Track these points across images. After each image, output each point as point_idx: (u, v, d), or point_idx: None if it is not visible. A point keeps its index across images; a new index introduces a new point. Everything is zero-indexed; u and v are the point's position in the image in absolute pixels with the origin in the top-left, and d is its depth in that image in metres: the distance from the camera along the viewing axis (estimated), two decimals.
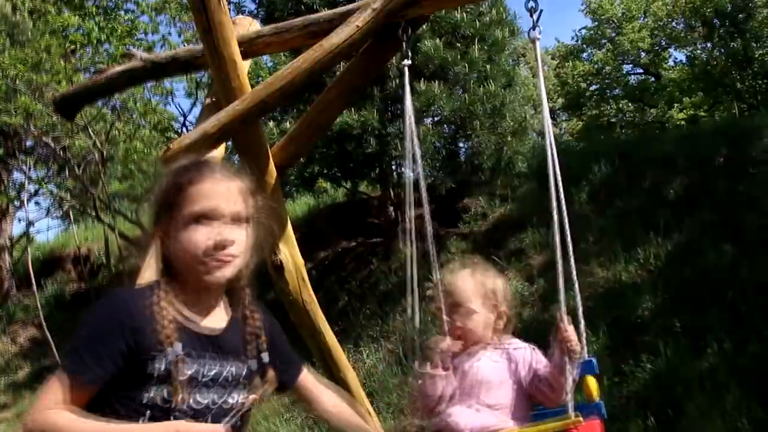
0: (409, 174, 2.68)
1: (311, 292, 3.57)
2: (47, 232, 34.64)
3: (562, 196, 2.42)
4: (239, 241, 1.65)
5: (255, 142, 3.36)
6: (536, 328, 5.53)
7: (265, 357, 1.78)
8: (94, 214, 9.49)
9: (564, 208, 2.44)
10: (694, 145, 8.32)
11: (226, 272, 1.64)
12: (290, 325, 3.18)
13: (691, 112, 17.95)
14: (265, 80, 3.17)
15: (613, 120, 19.49)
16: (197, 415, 1.59)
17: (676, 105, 18.44)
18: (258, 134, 3.37)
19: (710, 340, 5.53)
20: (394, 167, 8.17)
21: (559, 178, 2.43)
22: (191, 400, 1.58)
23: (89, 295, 10.26)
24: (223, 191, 1.66)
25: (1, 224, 11.77)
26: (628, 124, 19.32)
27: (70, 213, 11.47)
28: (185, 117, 10.55)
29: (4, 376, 9.25)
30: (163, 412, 1.55)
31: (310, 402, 2.02)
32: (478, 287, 2.37)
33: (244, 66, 3.30)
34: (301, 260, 3.51)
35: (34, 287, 8.90)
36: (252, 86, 3.25)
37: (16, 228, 11.74)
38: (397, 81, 6.79)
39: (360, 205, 9.28)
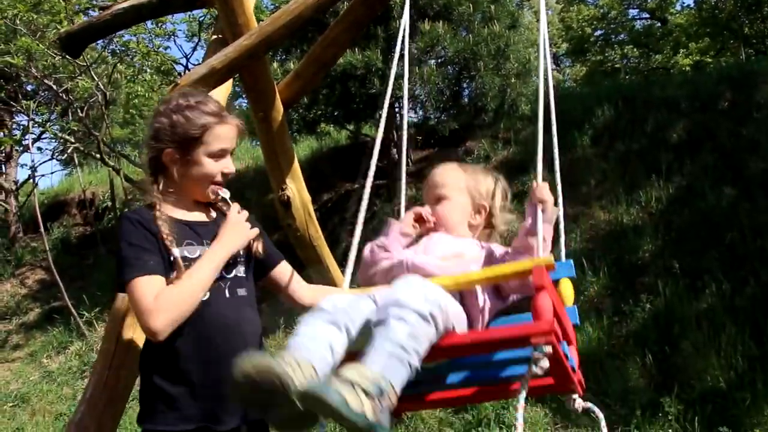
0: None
1: (317, 227, 3.64)
2: (51, 175, 34.66)
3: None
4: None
5: (262, 79, 3.37)
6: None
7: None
8: (98, 157, 9.49)
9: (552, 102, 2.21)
10: (698, 88, 8.29)
11: (223, 191, 2.13)
12: (298, 263, 3.24)
13: (697, 57, 17.70)
14: (272, 15, 3.17)
15: (617, 66, 19.25)
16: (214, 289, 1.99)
17: (681, 50, 18.18)
18: (264, 70, 3.38)
19: (708, 281, 5.63)
20: (397, 108, 8.14)
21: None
22: None
23: (95, 239, 10.36)
24: (234, 134, 2.14)
25: (6, 168, 11.80)
26: (632, 70, 19.09)
27: (75, 156, 11.47)
28: (188, 59, 10.43)
29: (15, 317, 9.41)
30: None
31: (285, 290, 2.25)
32: (457, 177, 2.17)
33: (250, 1, 3.29)
34: (307, 196, 3.57)
35: (42, 230, 8.97)
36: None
37: (20, 173, 11.78)
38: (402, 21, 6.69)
39: (363, 148, 9.29)
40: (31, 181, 10.84)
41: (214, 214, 2.17)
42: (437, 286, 1.63)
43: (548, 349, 1.53)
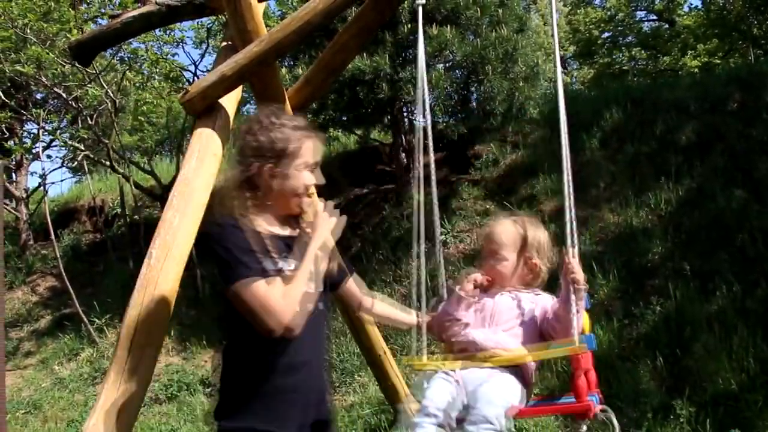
0: (420, 120, 2.66)
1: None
2: (61, 183, 34.84)
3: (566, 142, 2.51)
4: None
5: (271, 85, 3.39)
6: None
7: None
8: (108, 164, 9.55)
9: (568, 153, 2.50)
10: (707, 90, 8.26)
11: (306, 204, 2.27)
12: None
13: (705, 59, 17.64)
14: (282, 22, 3.19)
15: (625, 68, 19.22)
16: None
17: (690, 52, 18.13)
18: (274, 76, 3.40)
19: (719, 283, 5.60)
20: (405, 113, 8.14)
21: (565, 125, 2.48)
22: None
23: (105, 245, 10.42)
24: (315, 148, 2.30)
25: (17, 176, 11.88)
26: (640, 72, 19.05)
27: (84, 164, 11.54)
28: (196, 66, 10.51)
29: (27, 324, 9.47)
30: None
31: (354, 303, 2.53)
32: (514, 236, 2.50)
33: (259, 8, 3.31)
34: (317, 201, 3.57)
35: (53, 238, 9.02)
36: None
37: (30, 181, 11.85)
38: (410, 26, 6.72)
39: (371, 153, 9.31)
40: (42, 188, 10.91)
41: (297, 228, 2.31)
42: (500, 385, 2.23)
43: (588, 421, 2.21)
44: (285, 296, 2.04)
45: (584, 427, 2.17)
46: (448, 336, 2.46)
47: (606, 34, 19.46)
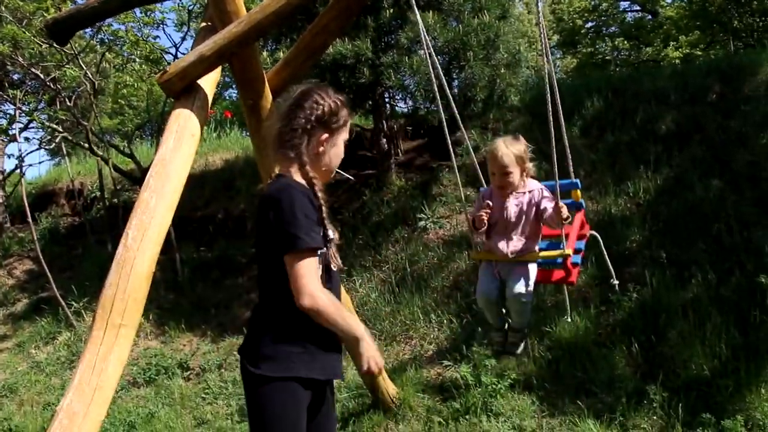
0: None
1: None
2: (39, 165, 34.44)
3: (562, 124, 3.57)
4: None
5: (251, 67, 3.38)
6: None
7: None
8: (87, 146, 9.43)
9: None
10: (688, 81, 8.32)
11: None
12: None
13: (687, 50, 17.77)
14: (261, 3, 3.16)
15: (608, 58, 19.32)
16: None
17: (672, 43, 18.26)
18: (254, 58, 3.38)
19: (695, 271, 5.68)
20: (387, 99, 8.11)
21: (558, 111, 3.21)
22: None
23: (84, 229, 10.32)
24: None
25: None
26: (623, 62, 19.16)
27: (63, 146, 11.39)
28: (177, 48, 10.36)
29: (3, 308, 9.35)
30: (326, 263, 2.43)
31: None
32: (515, 156, 3.60)
33: None
34: None
35: (30, 221, 8.92)
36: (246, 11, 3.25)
37: (7, 163, 11.67)
38: (392, 11, 6.69)
39: (352, 138, 9.27)
40: (19, 171, 10.76)
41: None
42: (524, 271, 3.72)
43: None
44: (323, 293, 2.28)
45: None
46: (481, 237, 3.83)
47: (589, 24, 19.54)
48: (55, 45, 7.85)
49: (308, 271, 2.24)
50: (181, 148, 3.02)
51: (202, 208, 9.73)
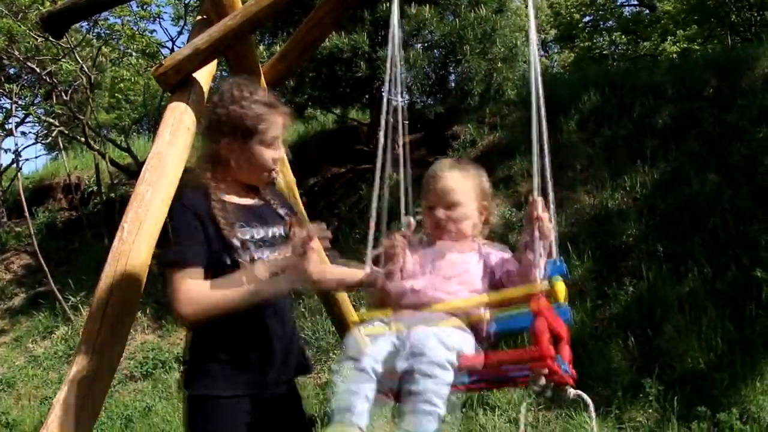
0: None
1: (302, 209, 3.65)
2: (35, 159, 34.40)
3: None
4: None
5: (247, 59, 3.36)
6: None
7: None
8: (83, 140, 9.41)
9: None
10: (685, 75, 8.32)
11: (274, 178, 2.35)
12: None
13: (685, 45, 17.75)
14: None
15: (605, 52, 19.28)
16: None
17: (669, 38, 18.22)
18: (249, 51, 3.37)
19: (691, 265, 5.69)
20: (384, 92, 8.07)
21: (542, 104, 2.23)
22: (255, 256, 2.18)
23: (81, 223, 10.31)
24: (283, 123, 2.30)
25: None
26: (620, 56, 19.12)
27: (59, 140, 11.37)
28: (173, 42, 10.35)
29: (1, 302, 9.36)
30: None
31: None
32: (467, 183, 2.23)
33: None
34: (292, 177, 3.58)
35: (27, 215, 8.91)
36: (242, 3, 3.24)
37: (4, 158, 11.66)
38: (388, 4, 6.66)
39: (349, 132, 9.25)
40: (15, 165, 10.74)
41: (262, 196, 2.37)
42: (450, 329, 1.89)
43: (545, 371, 1.79)
44: (199, 294, 2.08)
45: (542, 380, 1.82)
46: (387, 288, 2.12)
47: (587, 18, 19.49)
48: (50, 38, 7.82)
49: (178, 287, 2.10)
50: (176, 142, 3.01)
51: None
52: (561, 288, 1.99)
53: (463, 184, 2.22)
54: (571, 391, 2.00)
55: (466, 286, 2.06)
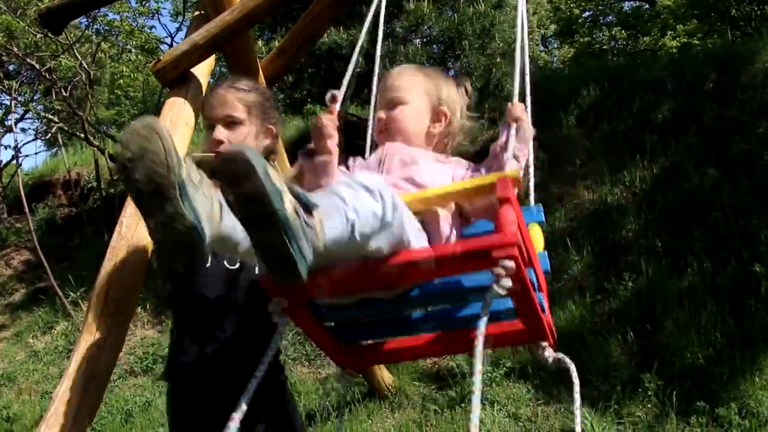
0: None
1: None
2: (35, 156, 34.42)
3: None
4: (231, 138, 2.34)
5: (245, 55, 3.37)
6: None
7: None
8: (83, 137, 9.41)
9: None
10: (685, 70, 8.31)
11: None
12: None
13: (685, 40, 17.73)
14: None
15: (605, 47, 19.27)
16: None
17: (669, 33, 18.21)
18: (247, 46, 3.38)
19: (690, 260, 5.68)
20: None
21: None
22: None
23: (81, 219, 10.31)
24: (219, 101, 2.34)
25: None
26: (620, 51, 19.11)
27: (59, 136, 11.37)
28: (172, 38, 10.36)
29: (1, 298, 9.38)
30: None
31: None
32: (416, 80, 2.01)
33: None
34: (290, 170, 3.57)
35: (27, 211, 8.91)
36: None
37: (3, 154, 11.66)
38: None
39: (349, 127, 9.24)
40: (15, 161, 10.74)
41: None
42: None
43: (511, 264, 1.36)
44: None
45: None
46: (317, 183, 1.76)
47: (587, 13, 19.49)
48: (49, 35, 7.82)
49: None
50: (175, 137, 3.01)
51: None
52: (538, 233, 1.83)
53: (409, 81, 1.99)
54: (551, 353, 1.84)
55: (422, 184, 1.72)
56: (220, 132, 2.30)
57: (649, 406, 4.56)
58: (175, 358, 2.36)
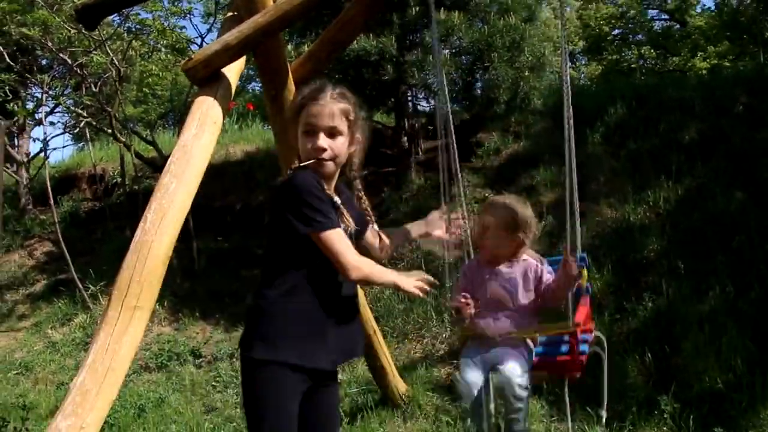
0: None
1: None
2: (62, 149, 34.90)
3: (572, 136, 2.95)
4: (333, 147, 2.47)
5: (275, 57, 3.39)
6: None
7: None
8: (110, 132, 9.53)
9: (573, 147, 2.96)
10: (714, 91, 8.23)
11: (325, 168, 2.47)
12: None
13: (715, 61, 17.56)
14: None
15: (633, 66, 19.16)
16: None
17: (699, 53, 18.06)
18: (279, 49, 3.40)
19: (713, 283, 5.61)
20: (410, 97, 8.10)
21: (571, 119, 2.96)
22: None
23: (104, 214, 10.43)
24: (325, 112, 2.45)
25: (19, 140, 11.87)
26: (648, 71, 18.99)
27: (87, 131, 11.51)
28: (203, 39, 10.46)
29: (22, 288, 9.49)
30: None
31: (374, 253, 2.80)
32: (526, 218, 3.04)
33: None
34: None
35: (52, 203, 9.03)
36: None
37: (32, 146, 11.82)
38: (418, 8, 6.69)
39: (374, 135, 9.26)
40: (43, 154, 10.90)
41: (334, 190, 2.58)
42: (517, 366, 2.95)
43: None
44: (361, 260, 2.42)
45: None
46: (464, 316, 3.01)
47: (616, 31, 19.41)
48: (83, 31, 7.94)
49: (342, 246, 2.37)
50: (202, 135, 3.04)
51: (221, 198, 9.79)
52: (584, 274, 3.07)
53: (525, 215, 3.06)
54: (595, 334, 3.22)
55: (513, 317, 3.05)
56: (324, 140, 2.45)
57: (665, 428, 4.49)
58: None
